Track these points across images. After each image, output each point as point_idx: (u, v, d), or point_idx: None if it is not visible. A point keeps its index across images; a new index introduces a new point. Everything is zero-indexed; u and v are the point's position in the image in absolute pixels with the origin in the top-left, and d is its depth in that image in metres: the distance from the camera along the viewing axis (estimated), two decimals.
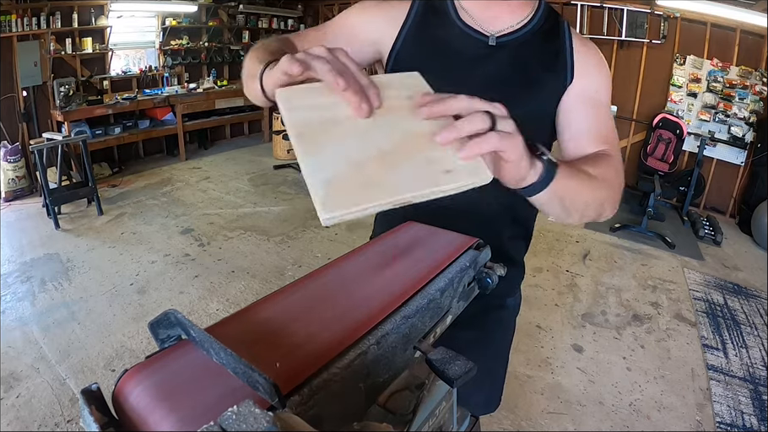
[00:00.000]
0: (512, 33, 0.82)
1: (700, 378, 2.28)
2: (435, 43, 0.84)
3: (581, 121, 0.82)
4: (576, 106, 0.82)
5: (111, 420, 0.36)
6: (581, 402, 2.08)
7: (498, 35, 0.82)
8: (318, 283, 0.56)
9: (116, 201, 4.10)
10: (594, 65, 0.84)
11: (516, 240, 0.96)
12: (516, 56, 0.82)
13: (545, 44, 0.83)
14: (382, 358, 0.46)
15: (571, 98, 0.82)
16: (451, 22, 0.84)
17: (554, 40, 0.83)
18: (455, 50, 0.83)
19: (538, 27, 0.83)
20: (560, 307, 2.81)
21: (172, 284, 2.86)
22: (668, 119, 4.37)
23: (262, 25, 6.15)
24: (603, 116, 0.83)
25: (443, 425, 0.64)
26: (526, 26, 0.82)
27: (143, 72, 5.04)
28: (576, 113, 0.82)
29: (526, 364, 2.30)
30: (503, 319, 1.02)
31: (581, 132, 0.81)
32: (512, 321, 1.07)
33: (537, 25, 0.83)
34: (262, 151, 5.82)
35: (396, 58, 0.85)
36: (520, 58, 0.82)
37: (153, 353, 0.43)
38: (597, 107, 0.82)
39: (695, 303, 2.95)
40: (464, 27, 0.83)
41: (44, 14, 4.11)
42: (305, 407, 0.37)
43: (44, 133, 3.83)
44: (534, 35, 0.82)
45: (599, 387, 2.17)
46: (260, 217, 3.91)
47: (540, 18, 0.83)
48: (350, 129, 0.44)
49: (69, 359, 2.19)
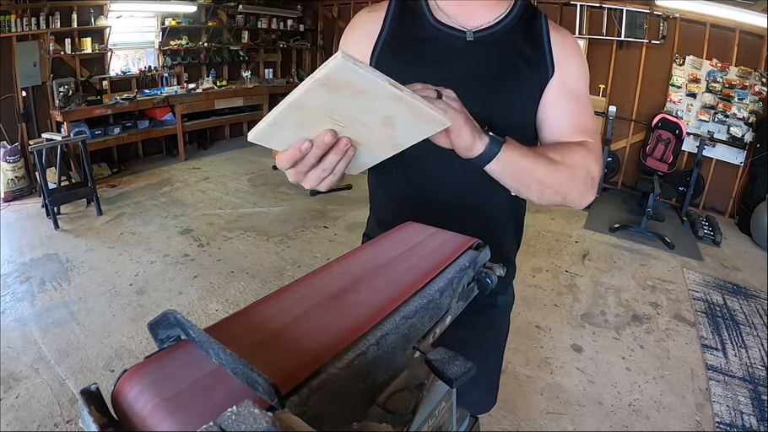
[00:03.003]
0: (489, 28, 0.82)
1: (699, 378, 2.28)
2: (410, 44, 0.84)
3: (560, 114, 0.83)
4: (556, 100, 0.83)
5: (111, 420, 0.36)
6: (580, 402, 2.08)
7: (475, 29, 0.82)
8: (317, 283, 0.56)
9: (115, 201, 4.10)
10: (571, 53, 0.84)
11: (507, 238, 0.96)
12: (495, 51, 0.82)
13: (523, 37, 0.83)
14: (382, 358, 0.46)
15: (552, 91, 0.83)
16: (426, 22, 0.84)
17: (532, 33, 0.83)
18: (431, 48, 0.83)
19: (515, 21, 0.83)
20: (560, 307, 2.81)
21: (171, 285, 2.85)
22: (668, 119, 4.37)
23: (261, 25, 6.15)
24: (582, 107, 0.84)
25: (443, 425, 0.64)
26: (503, 20, 0.83)
27: (142, 72, 5.04)
28: (556, 107, 0.83)
29: (525, 364, 2.30)
30: (495, 317, 1.02)
31: (560, 126, 0.83)
32: (506, 319, 1.07)
33: (514, 19, 0.83)
34: (262, 151, 5.81)
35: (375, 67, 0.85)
36: (499, 53, 0.82)
37: (152, 354, 0.43)
38: (577, 98, 0.83)
39: (695, 303, 2.95)
40: (439, 25, 0.83)
41: (43, 14, 4.11)
42: (305, 407, 0.37)
43: (43, 133, 3.83)
44: (512, 29, 0.83)
45: (599, 387, 2.18)
46: (259, 217, 3.91)
47: (518, 12, 0.84)
48: None
49: (68, 360, 2.19)
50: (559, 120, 0.83)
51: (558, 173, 0.73)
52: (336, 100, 0.49)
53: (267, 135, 0.52)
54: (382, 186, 0.96)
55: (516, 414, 1.99)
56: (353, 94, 0.48)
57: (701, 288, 3.14)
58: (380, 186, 0.97)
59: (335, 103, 0.49)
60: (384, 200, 0.97)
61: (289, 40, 6.60)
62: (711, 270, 3.43)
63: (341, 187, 4.52)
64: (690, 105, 4.44)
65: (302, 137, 0.54)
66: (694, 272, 3.35)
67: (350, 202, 4.25)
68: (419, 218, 0.75)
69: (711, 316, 2.82)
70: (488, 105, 0.75)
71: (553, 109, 0.83)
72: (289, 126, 0.52)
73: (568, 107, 0.83)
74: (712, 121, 4.35)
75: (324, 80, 0.46)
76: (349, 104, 0.50)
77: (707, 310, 2.89)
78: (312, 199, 4.31)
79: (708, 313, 2.85)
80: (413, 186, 0.88)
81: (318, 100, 0.49)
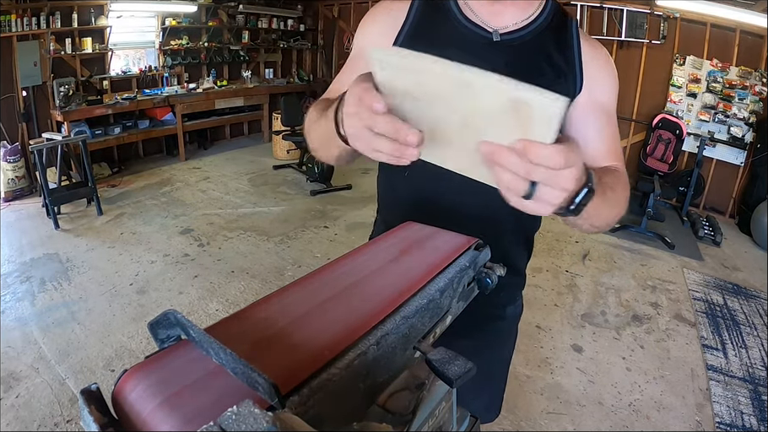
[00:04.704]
0: (517, 31, 0.78)
1: (699, 378, 2.28)
2: (434, 40, 0.80)
3: (593, 133, 0.78)
4: (587, 118, 0.77)
5: (111, 420, 0.36)
6: (580, 402, 2.08)
7: (502, 31, 0.78)
8: (318, 283, 0.56)
9: (115, 201, 4.10)
10: (603, 66, 0.80)
11: (517, 247, 0.93)
12: (521, 56, 0.78)
13: (552, 45, 0.78)
14: (382, 358, 0.46)
15: (580, 108, 0.77)
16: (453, 17, 0.80)
17: (561, 41, 0.79)
18: (455, 46, 0.78)
19: (545, 25, 0.79)
20: (560, 307, 2.81)
21: (172, 284, 2.85)
22: (668, 119, 4.37)
23: (261, 25, 6.15)
24: (612, 126, 0.80)
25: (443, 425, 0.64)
26: (532, 24, 0.78)
27: (142, 72, 5.04)
28: (587, 124, 0.77)
29: (525, 364, 2.30)
30: (502, 329, 1.01)
31: (594, 146, 0.77)
32: (513, 329, 1.06)
33: (544, 23, 0.79)
34: (262, 151, 5.83)
35: None
36: (525, 58, 0.78)
37: (152, 354, 0.43)
38: (609, 116, 0.79)
39: (695, 303, 2.95)
40: (466, 22, 0.79)
41: (44, 14, 4.11)
42: (305, 407, 0.37)
43: (43, 133, 3.82)
44: (541, 35, 0.78)
45: (599, 387, 2.17)
46: (259, 217, 3.91)
47: (548, 16, 0.79)
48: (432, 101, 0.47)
49: (69, 359, 2.19)
50: (593, 139, 0.77)
51: (617, 209, 0.67)
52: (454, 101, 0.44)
53: (382, 64, 0.46)
54: (393, 187, 0.93)
55: (517, 414, 1.99)
56: None
57: (702, 289, 3.13)
58: (390, 186, 0.94)
59: (452, 102, 0.45)
60: (394, 202, 0.95)
61: (290, 39, 6.60)
62: (712, 270, 3.42)
63: (341, 187, 4.53)
64: (691, 105, 4.44)
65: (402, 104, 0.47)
66: (694, 273, 3.35)
67: (350, 202, 4.25)
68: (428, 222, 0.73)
69: (712, 316, 2.82)
70: None
71: (582, 125, 0.77)
72: (404, 80, 0.46)
73: (599, 125, 0.78)
74: (713, 121, 4.34)
75: None
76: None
77: (707, 310, 2.89)
78: (312, 199, 4.31)
79: (708, 313, 2.85)
80: (426, 187, 0.85)
81: (448, 89, 0.44)
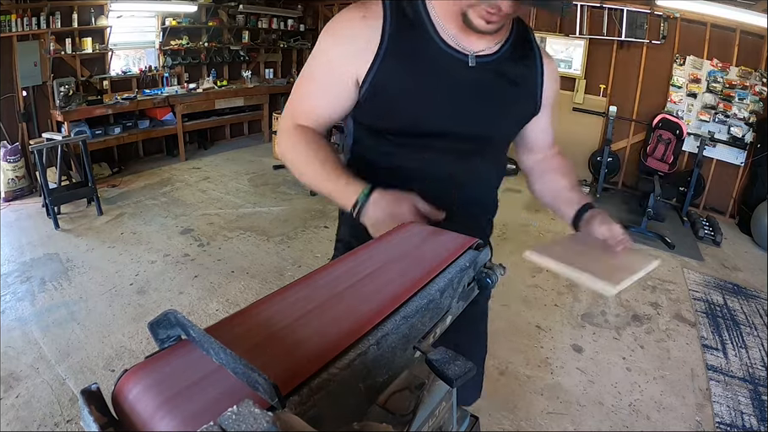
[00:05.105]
0: (491, 55, 0.86)
1: (699, 378, 2.28)
2: (416, 61, 0.83)
3: (546, 125, 1.02)
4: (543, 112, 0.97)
5: (111, 420, 0.36)
6: (580, 402, 2.08)
7: (477, 53, 0.85)
8: (318, 283, 0.56)
9: (115, 201, 4.10)
10: (553, 76, 0.97)
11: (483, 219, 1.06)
12: (495, 77, 0.87)
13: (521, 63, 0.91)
14: (382, 358, 0.46)
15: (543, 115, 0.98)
16: (430, 38, 0.83)
17: (528, 60, 0.92)
18: (436, 69, 0.84)
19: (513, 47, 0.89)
20: (560, 307, 2.81)
21: (172, 284, 2.85)
22: (668, 119, 4.37)
23: (261, 25, 6.15)
24: (554, 117, 1.02)
25: (443, 425, 0.64)
26: (503, 47, 0.88)
27: (142, 72, 5.04)
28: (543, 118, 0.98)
29: (525, 365, 2.30)
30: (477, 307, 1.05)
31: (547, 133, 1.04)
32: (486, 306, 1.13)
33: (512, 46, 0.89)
34: (262, 151, 5.82)
35: (372, 82, 0.83)
36: (498, 79, 0.88)
37: (152, 354, 0.43)
38: (553, 110, 1.00)
39: (695, 303, 2.95)
40: (444, 45, 0.83)
41: (44, 14, 4.11)
42: (305, 407, 0.37)
43: (44, 133, 3.82)
44: (512, 54, 0.89)
45: (599, 387, 2.18)
46: (260, 217, 3.91)
47: (516, 37, 0.90)
48: None
49: (69, 359, 2.19)
50: (544, 127, 1.02)
51: None
52: None
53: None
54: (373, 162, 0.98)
55: (517, 414, 1.99)
56: None
57: (702, 289, 3.14)
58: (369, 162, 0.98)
59: None
60: None
61: (290, 39, 6.60)
62: (712, 270, 3.42)
63: None
64: (691, 105, 4.44)
65: None
66: (694, 273, 3.35)
67: None
68: None
69: (712, 316, 2.82)
70: (488, 125, 0.90)
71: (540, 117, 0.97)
72: None
73: (549, 118, 1.01)
74: (713, 122, 4.34)
75: None
76: None
77: (707, 310, 2.89)
78: (312, 199, 4.30)
79: (708, 313, 2.85)
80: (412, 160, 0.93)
81: None
